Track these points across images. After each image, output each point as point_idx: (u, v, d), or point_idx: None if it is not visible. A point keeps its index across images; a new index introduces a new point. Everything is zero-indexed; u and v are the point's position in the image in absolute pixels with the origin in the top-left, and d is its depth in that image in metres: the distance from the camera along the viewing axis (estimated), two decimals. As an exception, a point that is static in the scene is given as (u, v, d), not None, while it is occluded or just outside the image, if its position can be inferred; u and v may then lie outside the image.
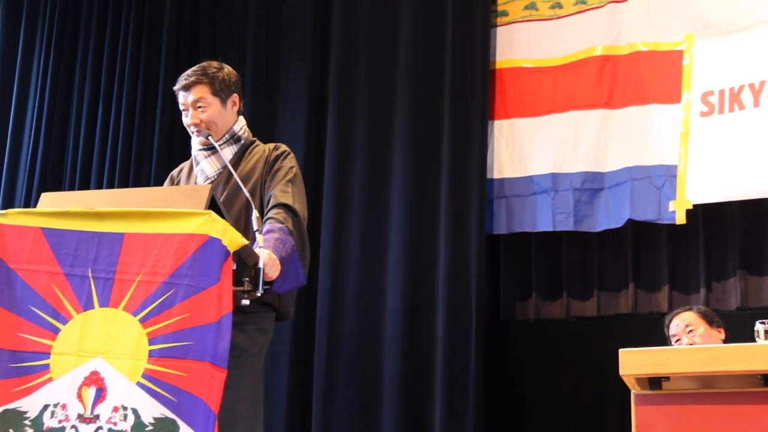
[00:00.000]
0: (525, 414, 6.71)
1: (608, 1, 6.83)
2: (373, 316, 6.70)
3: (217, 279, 3.53)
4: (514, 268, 6.83)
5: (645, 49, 6.67)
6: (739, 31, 6.43)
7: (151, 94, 7.43)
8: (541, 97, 6.87)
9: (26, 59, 7.86)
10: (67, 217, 3.71)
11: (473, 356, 6.42)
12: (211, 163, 4.37)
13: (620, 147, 6.59)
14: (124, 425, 3.47)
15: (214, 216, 3.59)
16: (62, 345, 3.58)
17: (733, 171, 6.21)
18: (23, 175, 7.51)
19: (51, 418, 3.54)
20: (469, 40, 6.95)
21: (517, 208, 6.76)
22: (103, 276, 3.60)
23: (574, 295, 6.69)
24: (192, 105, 4.34)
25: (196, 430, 3.42)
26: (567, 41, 6.91)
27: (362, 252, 6.81)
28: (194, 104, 4.34)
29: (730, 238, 6.33)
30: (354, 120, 7.05)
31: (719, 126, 6.33)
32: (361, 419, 6.53)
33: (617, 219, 6.49)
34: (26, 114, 7.73)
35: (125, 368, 3.51)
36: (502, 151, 6.87)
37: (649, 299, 6.46)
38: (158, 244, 3.59)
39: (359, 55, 7.15)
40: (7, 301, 3.64)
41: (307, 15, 7.36)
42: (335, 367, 6.67)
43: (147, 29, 7.67)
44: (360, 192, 6.90)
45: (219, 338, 3.50)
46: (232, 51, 7.01)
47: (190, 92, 4.35)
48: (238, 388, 3.83)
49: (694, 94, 6.43)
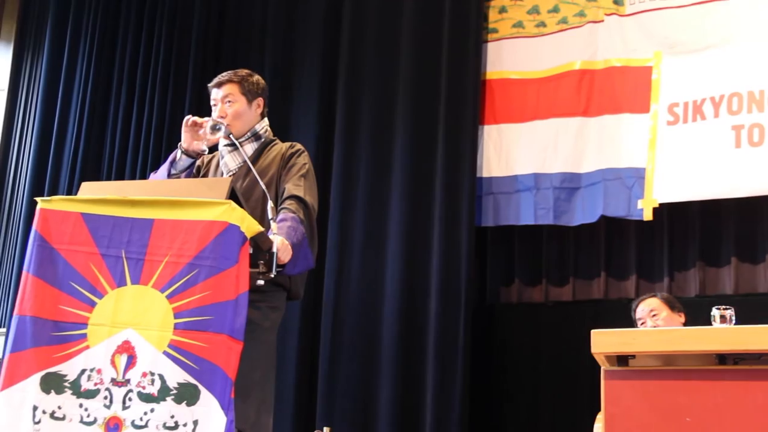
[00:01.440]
0: (507, 384, 6.72)
1: (586, 22, 6.84)
2: (373, 297, 6.71)
3: (236, 261, 3.55)
4: (499, 257, 6.83)
5: (618, 65, 6.68)
6: (702, 50, 6.44)
7: (179, 98, 7.43)
8: (525, 105, 6.87)
9: (70, 67, 7.85)
10: (104, 204, 3.72)
11: (462, 334, 6.44)
12: (233, 157, 4.39)
13: (595, 151, 6.60)
14: (152, 389, 3.49)
15: (233, 205, 3.62)
16: (98, 317, 3.61)
17: (695, 174, 6.24)
18: (66, 167, 7.51)
19: (87, 381, 3.57)
20: (463, 54, 6.95)
21: (503, 204, 6.77)
22: (135, 257, 3.62)
23: (552, 282, 6.69)
24: (222, 100, 4.39)
25: (215, 395, 3.44)
26: (549, 56, 6.91)
27: (365, 241, 6.81)
28: (223, 99, 4.39)
29: (690, 233, 6.35)
30: (359, 123, 7.06)
31: (683, 134, 6.34)
32: (361, 387, 6.54)
33: (592, 215, 6.50)
34: (69, 114, 7.73)
35: (153, 338, 3.54)
36: (490, 153, 6.87)
37: (619, 286, 6.46)
38: (184, 229, 3.61)
39: (365, 65, 7.15)
40: (50, 277, 3.67)
41: (318, 30, 7.36)
42: (339, 342, 6.68)
43: (177, 41, 7.67)
44: (364, 187, 6.91)
45: (236, 314, 3.52)
46: (252, 60, 7.00)
47: (222, 89, 4.41)
48: (253, 358, 3.83)
49: (661, 105, 6.44)
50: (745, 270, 6.19)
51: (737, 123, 6.20)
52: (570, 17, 6.92)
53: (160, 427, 3.46)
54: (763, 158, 6.06)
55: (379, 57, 7.13)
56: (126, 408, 3.50)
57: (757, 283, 6.11)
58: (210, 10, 7.69)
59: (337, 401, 6.51)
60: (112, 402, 3.52)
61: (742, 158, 6.13)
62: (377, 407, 6.48)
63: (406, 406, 6.43)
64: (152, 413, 3.48)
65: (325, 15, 7.37)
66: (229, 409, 3.46)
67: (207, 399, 3.45)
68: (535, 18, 7.02)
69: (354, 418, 6.43)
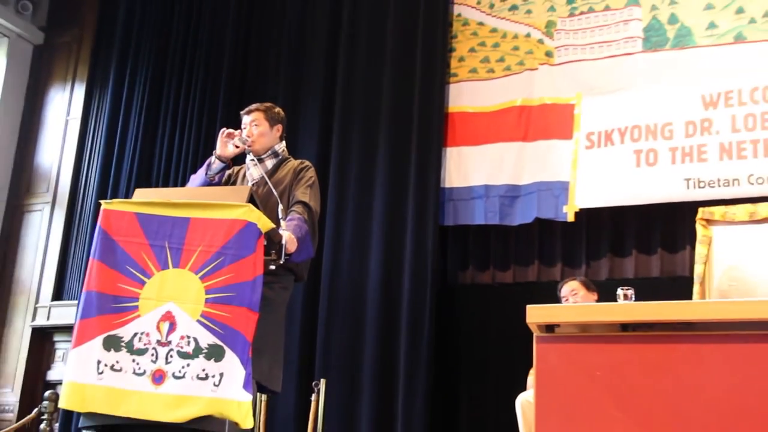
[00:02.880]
0: (464, 346, 6.76)
1: (525, 69, 6.83)
2: (359, 279, 6.70)
3: (253, 250, 3.59)
4: (457, 249, 6.82)
5: (549, 102, 6.67)
6: (612, 92, 6.46)
7: (212, 124, 7.40)
8: (478, 132, 6.85)
9: (128, 101, 7.85)
10: (153, 206, 3.77)
11: (428, 307, 6.44)
12: (257, 170, 4.40)
13: (531, 168, 6.59)
14: (188, 348, 3.53)
15: (252, 207, 3.68)
16: (147, 292, 3.64)
17: (606, 186, 6.26)
18: (124, 177, 7.52)
19: (138, 342, 3.61)
20: (431, 93, 6.95)
21: (461, 208, 6.75)
22: (175, 246, 3.66)
23: (497, 268, 6.68)
24: (250, 123, 4.45)
25: (237, 353, 3.48)
26: (497, 95, 6.89)
27: (353, 236, 6.81)
28: (251, 123, 4.45)
29: (602, 231, 6.37)
30: (350, 144, 7.06)
31: (597, 156, 6.36)
32: (350, 349, 6.54)
33: (528, 217, 6.49)
34: (127, 136, 7.74)
35: (189, 310, 3.57)
36: (451, 168, 6.85)
37: (548, 272, 6.47)
38: (213, 225, 3.65)
39: (355, 100, 7.15)
40: (110, 262, 3.71)
41: (320, 72, 7.36)
42: (333, 314, 6.68)
43: (210, 80, 7.66)
44: (353, 194, 6.91)
45: (254, 291, 3.56)
46: (268, 95, 6.97)
47: (250, 115, 4.47)
48: (267, 326, 3.84)
49: (581, 134, 6.44)
50: (643, 259, 6.21)
51: (637, 148, 6.23)
52: (513, 65, 6.91)
53: (194, 378, 3.48)
54: (656, 175, 6.12)
55: (365, 94, 7.13)
56: (168, 363, 3.53)
57: (651, 269, 6.15)
58: (236, 57, 7.68)
59: (331, 359, 6.51)
60: (157, 358, 3.54)
61: (641, 175, 6.17)
62: (362, 364, 6.49)
63: (384, 363, 6.44)
64: (188, 367, 3.51)
65: (325, 61, 7.37)
66: (247, 365, 3.49)
67: (230, 357, 3.47)
68: (486, 66, 7.01)
69: (344, 372, 6.43)
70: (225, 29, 7.75)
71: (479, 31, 7.10)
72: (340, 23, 7.41)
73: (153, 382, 3.53)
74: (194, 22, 7.90)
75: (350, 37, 7.33)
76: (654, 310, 3.56)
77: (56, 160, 7.95)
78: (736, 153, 5.98)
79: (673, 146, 6.15)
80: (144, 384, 3.53)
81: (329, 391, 5.00)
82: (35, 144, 8.07)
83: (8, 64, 8.11)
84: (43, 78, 8.24)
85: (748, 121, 6.00)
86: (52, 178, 7.90)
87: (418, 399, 6.26)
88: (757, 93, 6.03)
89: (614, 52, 6.58)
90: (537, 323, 3.66)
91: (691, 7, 6.42)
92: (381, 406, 6.36)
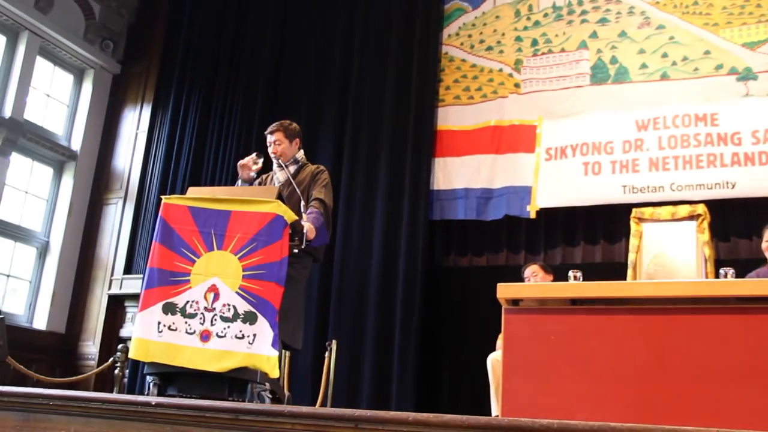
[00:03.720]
0: (447, 316, 6.72)
1: (498, 97, 6.81)
2: (364, 262, 6.68)
3: (280, 237, 3.59)
4: (443, 238, 6.78)
5: (517, 123, 6.65)
6: (566, 117, 6.44)
7: (249, 137, 7.41)
8: (460, 146, 6.81)
9: (184, 119, 7.84)
10: (202, 201, 3.76)
11: (419, 284, 6.44)
12: (282, 174, 4.39)
13: (502, 175, 6.56)
14: (228, 314, 3.52)
15: (280, 203, 3.69)
16: (197, 269, 3.64)
17: (560, 191, 6.24)
18: (180, 178, 7.51)
19: (190, 308, 3.61)
20: (423, 114, 6.92)
21: (446, 206, 6.71)
22: (219, 233, 3.65)
23: (474, 254, 6.66)
24: (273, 142, 4.40)
25: (267, 319, 3.47)
26: (476, 117, 6.85)
27: (360, 226, 6.78)
28: (274, 142, 4.40)
29: (557, 226, 6.34)
30: (358, 154, 7.03)
31: (554, 166, 6.33)
32: (356, 316, 6.52)
33: (499, 213, 6.47)
34: (183, 146, 7.72)
35: (230, 283, 3.57)
36: (439, 174, 6.82)
37: (514, 257, 6.44)
38: (249, 217, 3.64)
39: (363, 118, 7.12)
40: (168, 244, 3.73)
41: (335, 96, 7.33)
42: (343, 289, 6.66)
43: (248, 102, 7.64)
44: (360, 193, 6.88)
45: (281, 269, 3.55)
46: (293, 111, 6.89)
47: (273, 135, 4.43)
48: (291, 297, 3.84)
49: (542, 149, 6.41)
50: (588, 249, 6.20)
51: (585, 161, 6.21)
52: (488, 94, 6.87)
53: (233, 337, 3.48)
54: (599, 182, 6.12)
55: (371, 114, 7.10)
56: (213, 325, 3.52)
57: (595, 257, 6.14)
58: (269, 85, 7.66)
59: (341, 324, 6.49)
60: (204, 321, 3.54)
61: (588, 182, 6.16)
62: (365, 327, 6.47)
63: (383, 327, 6.42)
64: (228, 329, 3.50)
65: (340, 87, 7.33)
66: (275, 328, 3.48)
67: (262, 321, 3.47)
68: (467, 93, 6.98)
69: (351, 333, 6.41)
70: (260, 62, 7.71)
71: (462, 66, 7.07)
72: (351, 58, 7.37)
73: (201, 339, 3.52)
74: (236, 56, 7.87)
75: (360, 68, 7.29)
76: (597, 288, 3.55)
77: (128, 164, 7.96)
78: (661, 166, 5.97)
79: (613, 160, 6.13)
80: (194, 341, 3.53)
81: (339, 349, 4.98)
82: (112, 152, 8.08)
83: (93, 89, 8.12)
84: (119, 100, 8.24)
85: (671, 141, 6.00)
86: (125, 178, 7.92)
87: (410, 356, 6.25)
88: (677, 119, 6.04)
89: (568, 84, 6.57)
90: (505, 298, 3.64)
91: (628, 51, 6.43)
92: (380, 361, 6.33)
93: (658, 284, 3.90)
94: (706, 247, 5.04)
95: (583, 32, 6.63)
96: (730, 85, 6.01)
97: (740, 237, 5.70)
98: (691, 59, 6.19)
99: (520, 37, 6.88)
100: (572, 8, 6.73)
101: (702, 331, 3.27)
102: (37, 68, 7.55)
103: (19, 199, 7.42)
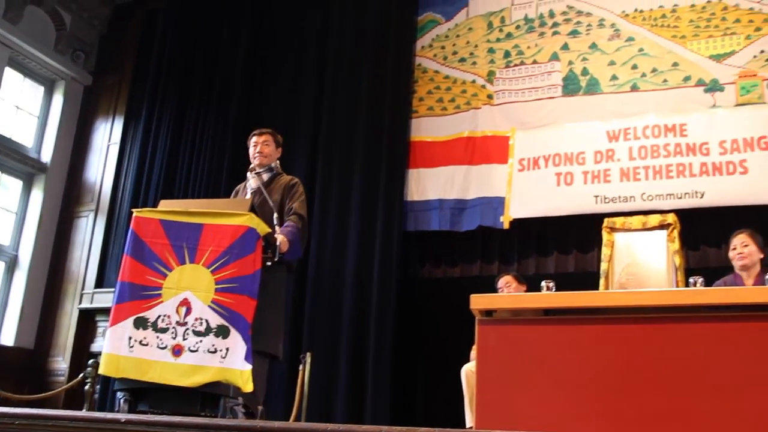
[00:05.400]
0: (421, 325, 6.70)
1: (471, 108, 6.82)
2: (339, 272, 6.64)
3: (253, 250, 3.56)
4: (416, 249, 6.76)
5: (490, 134, 6.67)
6: (538, 128, 6.48)
7: (222, 151, 7.39)
8: (434, 157, 6.81)
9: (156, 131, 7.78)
10: (173, 214, 3.73)
11: (393, 294, 6.42)
12: (255, 181, 4.41)
13: (475, 186, 6.57)
14: (201, 328, 3.49)
15: (252, 216, 3.67)
16: (169, 283, 3.60)
17: (533, 201, 6.26)
18: (152, 191, 7.44)
19: (162, 322, 3.57)
20: (398, 126, 6.92)
21: (420, 217, 6.70)
22: (191, 246, 3.62)
23: (448, 265, 6.65)
24: (261, 142, 4.47)
25: (239, 332, 3.46)
26: (449, 128, 6.85)
27: (334, 237, 6.75)
28: (263, 141, 4.48)
29: (530, 236, 6.35)
30: (332, 165, 7.00)
31: (527, 177, 6.36)
32: (330, 326, 6.48)
33: (473, 224, 6.47)
34: (155, 159, 7.64)
35: (202, 297, 3.54)
36: (413, 186, 6.81)
37: (488, 268, 6.43)
38: (222, 230, 3.62)
39: (337, 129, 7.10)
40: (140, 258, 3.69)
41: (309, 107, 7.31)
42: (317, 299, 6.61)
43: (222, 116, 7.59)
44: (334, 204, 6.84)
45: (254, 282, 3.52)
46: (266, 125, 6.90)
47: (263, 136, 4.50)
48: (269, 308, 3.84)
49: (515, 159, 6.43)
50: (561, 258, 6.22)
51: (558, 171, 6.24)
52: (462, 105, 6.89)
53: (206, 351, 3.45)
54: (572, 193, 6.15)
55: (345, 125, 7.08)
56: (185, 339, 3.49)
57: (567, 266, 6.15)
58: (242, 99, 7.60)
59: (315, 335, 6.45)
60: (176, 335, 3.50)
61: (560, 193, 6.18)
62: (340, 340, 6.43)
63: (357, 339, 6.38)
64: (201, 343, 3.47)
65: (314, 98, 7.31)
66: (248, 342, 3.46)
67: (234, 335, 3.44)
68: (440, 105, 6.99)
69: (325, 346, 6.36)
70: (233, 74, 7.66)
71: (435, 78, 7.08)
72: (325, 69, 7.35)
73: (173, 354, 3.49)
74: (210, 68, 7.81)
75: (334, 80, 7.27)
76: (570, 298, 3.56)
77: (99, 176, 7.88)
78: (632, 176, 6.02)
79: (585, 170, 6.17)
80: (166, 356, 3.49)
81: (314, 362, 4.94)
82: (83, 164, 8.00)
83: (64, 100, 8.07)
84: (91, 112, 8.17)
85: (642, 151, 6.06)
86: (96, 191, 7.84)
87: (384, 368, 6.22)
88: (647, 130, 6.10)
89: (540, 96, 6.60)
90: (479, 309, 3.65)
91: (598, 63, 6.48)
92: (355, 374, 6.29)
93: (630, 294, 3.93)
94: (676, 255, 5.09)
95: (554, 44, 6.67)
96: (698, 97, 6.09)
97: (709, 245, 5.76)
98: (660, 71, 6.27)
99: (493, 48, 6.91)
100: (544, 20, 6.78)
101: (673, 339, 3.29)
102: (6, 79, 7.45)
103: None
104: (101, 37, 8.35)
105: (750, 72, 6.01)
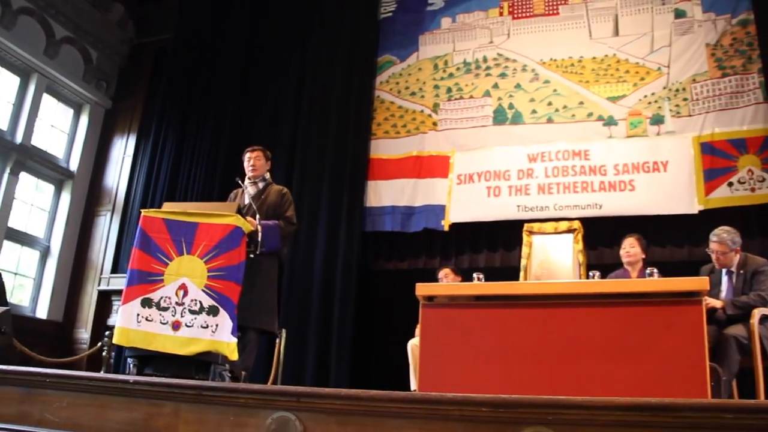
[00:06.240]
0: (375, 310, 6.66)
1: (419, 133, 6.81)
2: (309, 263, 6.57)
3: (239, 245, 3.53)
4: (373, 246, 6.71)
5: (435, 154, 6.66)
6: (474, 150, 6.50)
7: (216, 165, 7.27)
8: (389, 171, 6.78)
9: (163, 146, 7.65)
10: (175, 214, 3.67)
11: (354, 283, 6.38)
12: (252, 189, 4.42)
13: (422, 195, 6.55)
14: (195, 308, 3.43)
15: (238, 216, 3.63)
16: (170, 270, 3.55)
17: (469, 209, 6.28)
18: (159, 194, 7.32)
19: (163, 302, 3.51)
20: (360, 145, 6.88)
21: (376, 220, 6.66)
22: (189, 241, 3.57)
23: (398, 259, 6.61)
24: (254, 158, 4.45)
25: (227, 311, 3.42)
26: (401, 148, 6.82)
27: (306, 236, 6.65)
28: (255, 157, 4.45)
29: (466, 237, 6.36)
30: (306, 179, 6.92)
31: (464, 189, 6.37)
32: (302, 307, 6.41)
33: (419, 226, 6.46)
34: (161, 169, 7.52)
35: (197, 282, 3.48)
36: (371, 194, 6.77)
37: (432, 262, 6.40)
38: (213, 228, 3.57)
39: (309, 148, 7.03)
40: (146, 250, 3.63)
41: (287, 131, 7.22)
42: (291, 285, 6.54)
43: (217, 135, 7.48)
44: (307, 209, 6.74)
45: (239, 271, 3.50)
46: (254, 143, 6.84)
47: (254, 152, 4.48)
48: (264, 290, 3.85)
49: (454, 175, 6.46)
50: (490, 255, 6.23)
51: (489, 185, 6.27)
52: (412, 130, 6.87)
53: (200, 327, 3.40)
54: (499, 203, 6.18)
55: (317, 145, 7.01)
56: (182, 316, 3.43)
57: (495, 262, 6.18)
58: (234, 121, 7.49)
59: (290, 315, 6.34)
60: (175, 313, 3.44)
61: (490, 203, 6.22)
62: (310, 320, 6.37)
63: (324, 319, 6.33)
64: (195, 320, 3.42)
65: (292, 121, 7.22)
66: (234, 320, 3.42)
67: (223, 314, 3.40)
68: (395, 129, 6.95)
69: (298, 324, 6.28)
70: (226, 104, 7.55)
71: (391, 107, 7.06)
72: (302, 102, 7.28)
73: (172, 328, 3.43)
74: (206, 98, 7.68)
75: (309, 109, 7.21)
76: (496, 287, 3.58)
77: (116, 183, 7.82)
78: (547, 190, 6.09)
79: (510, 185, 6.22)
80: (166, 330, 3.44)
81: (288, 337, 4.88)
82: (103, 172, 7.93)
83: (89, 121, 7.98)
84: (110, 130, 8.10)
85: (555, 171, 6.13)
86: (113, 195, 7.77)
87: (346, 343, 6.18)
88: (560, 154, 6.17)
89: (475, 124, 6.62)
90: (422, 295, 3.65)
91: (521, 99, 6.54)
92: (322, 347, 6.24)
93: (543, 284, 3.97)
94: (580, 254, 5.15)
95: (487, 83, 6.71)
96: (598, 129, 6.20)
97: (605, 246, 5.84)
98: (569, 107, 6.36)
99: (438, 85, 6.92)
100: (479, 64, 6.83)
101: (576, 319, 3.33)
102: (44, 103, 7.47)
103: (25, 211, 7.31)
104: (120, 69, 8.30)
105: (636, 111, 6.15)
